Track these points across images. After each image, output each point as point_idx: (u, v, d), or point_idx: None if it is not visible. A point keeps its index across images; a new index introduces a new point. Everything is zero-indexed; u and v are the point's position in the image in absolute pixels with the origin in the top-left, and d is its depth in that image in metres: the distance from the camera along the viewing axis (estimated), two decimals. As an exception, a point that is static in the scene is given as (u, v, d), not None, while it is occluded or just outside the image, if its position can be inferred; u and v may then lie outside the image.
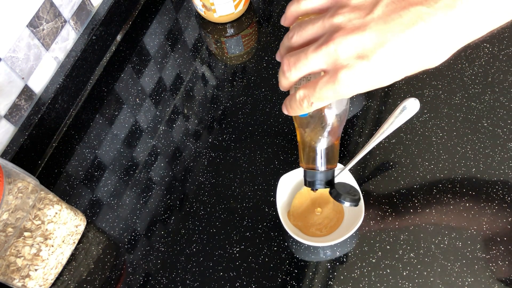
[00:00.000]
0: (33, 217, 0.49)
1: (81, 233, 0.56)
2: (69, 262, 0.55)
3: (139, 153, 0.62)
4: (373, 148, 0.57)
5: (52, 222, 0.51)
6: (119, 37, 0.74)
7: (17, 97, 0.60)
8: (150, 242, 0.55)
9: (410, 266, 0.50)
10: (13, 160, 0.59)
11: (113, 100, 0.68)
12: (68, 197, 0.60)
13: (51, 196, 0.52)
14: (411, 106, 0.53)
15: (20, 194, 0.47)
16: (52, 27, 0.63)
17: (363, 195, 0.53)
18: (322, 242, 0.50)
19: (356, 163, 0.56)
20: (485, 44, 0.63)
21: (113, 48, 0.73)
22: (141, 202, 0.59)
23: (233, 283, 0.51)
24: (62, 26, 0.65)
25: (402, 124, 0.54)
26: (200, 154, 0.61)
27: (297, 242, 0.53)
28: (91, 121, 0.66)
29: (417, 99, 0.53)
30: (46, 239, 0.51)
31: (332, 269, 0.51)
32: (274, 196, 0.55)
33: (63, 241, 0.53)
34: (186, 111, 0.65)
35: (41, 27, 0.61)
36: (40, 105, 0.63)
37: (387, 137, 0.57)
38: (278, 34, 0.70)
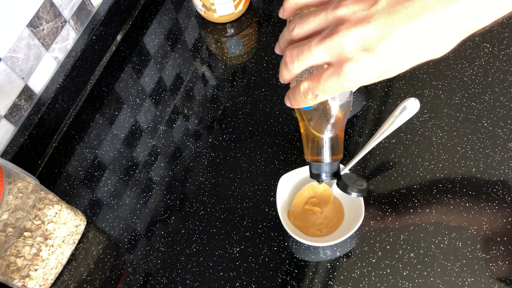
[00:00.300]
0: (33, 217, 0.49)
1: (81, 233, 0.56)
2: (69, 262, 0.55)
3: (139, 153, 0.62)
4: (373, 148, 0.57)
5: (52, 222, 0.51)
6: (119, 37, 0.74)
7: (17, 97, 0.60)
8: (150, 242, 0.55)
9: (410, 266, 0.50)
10: (13, 160, 0.59)
11: (113, 100, 0.68)
12: (68, 197, 0.60)
13: (51, 196, 0.52)
14: (411, 106, 0.53)
15: (20, 194, 0.47)
16: (52, 27, 0.63)
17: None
18: (322, 242, 0.50)
19: (356, 163, 0.56)
20: (485, 44, 0.63)
21: (113, 48, 0.73)
22: (141, 202, 0.58)
23: (233, 283, 0.51)
24: (62, 26, 0.65)
25: (402, 124, 0.54)
26: (200, 154, 0.61)
27: (297, 242, 0.53)
28: (91, 121, 0.66)
29: (417, 99, 0.53)
30: (46, 239, 0.51)
31: (332, 269, 0.51)
32: (274, 196, 0.55)
33: (63, 241, 0.53)
34: (186, 111, 0.65)
35: (41, 27, 0.61)
36: (40, 105, 0.63)
37: (387, 137, 0.57)
38: (278, 34, 0.70)
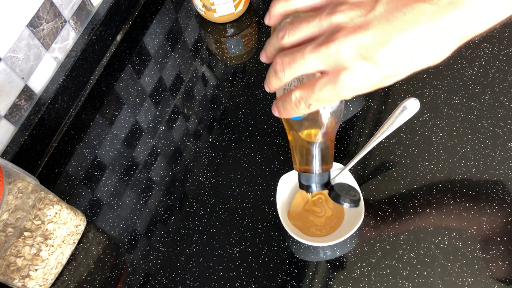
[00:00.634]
0: (33, 217, 0.49)
1: (81, 233, 0.56)
2: (69, 262, 0.55)
3: (139, 153, 0.62)
4: (373, 148, 0.57)
5: (52, 222, 0.51)
6: (119, 37, 0.74)
7: (17, 97, 0.60)
8: (150, 242, 0.55)
9: (410, 266, 0.50)
10: (13, 160, 0.59)
11: (113, 100, 0.68)
12: (68, 197, 0.60)
13: (51, 196, 0.52)
14: (411, 106, 0.53)
15: (20, 194, 0.47)
16: (52, 27, 0.63)
17: (363, 195, 0.53)
18: (322, 242, 0.50)
19: (356, 163, 0.56)
20: (485, 44, 0.63)
21: (113, 48, 0.73)
22: (141, 202, 0.58)
23: (233, 283, 0.51)
24: (62, 26, 0.65)
25: (402, 124, 0.54)
26: (200, 154, 0.61)
27: (297, 242, 0.53)
28: (91, 121, 0.66)
29: (417, 99, 0.53)
30: (46, 239, 0.51)
31: (332, 269, 0.51)
32: (274, 196, 0.55)
33: (63, 241, 0.53)
34: (186, 111, 0.65)
35: (41, 27, 0.61)
36: (40, 105, 0.63)
37: (387, 137, 0.57)
38: (278, 34, 0.70)
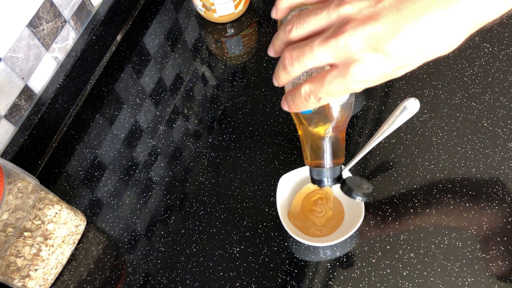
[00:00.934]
0: (33, 217, 0.49)
1: (81, 233, 0.56)
2: (69, 262, 0.55)
3: (139, 153, 0.62)
4: (373, 148, 0.57)
5: (52, 222, 0.51)
6: (119, 37, 0.74)
7: (17, 97, 0.60)
8: (150, 242, 0.55)
9: (410, 266, 0.50)
10: (13, 160, 0.59)
11: (113, 100, 0.68)
12: (68, 197, 0.60)
13: (51, 196, 0.52)
14: (411, 106, 0.53)
15: (20, 194, 0.47)
16: (52, 27, 0.63)
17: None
18: (322, 242, 0.50)
19: (356, 163, 0.56)
20: (485, 44, 0.63)
21: (113, 48, 0.73)
22: (141, 202, 0.58)
23: (233, 283, 0.51)
24: (62, 26, 0.65)
25: (402, 124, 0.54)
26: (200, 154, 0.61)
27: (297, 242, 0.53)
28: (91, 121, 0.66)
29: (417, 99, 0.53)
30: (46, 239, 0.51)
31: (332, 269, 0.51)
32: (274, 196, 0.55)
33: (63, 241, 0.53)
34: (186, 111, 0.65)
35: (41, 27, 0.61)
36: (40, 105, 0.63)
37: (387, 137, 0.57)
38: (278, 34, 0.70)
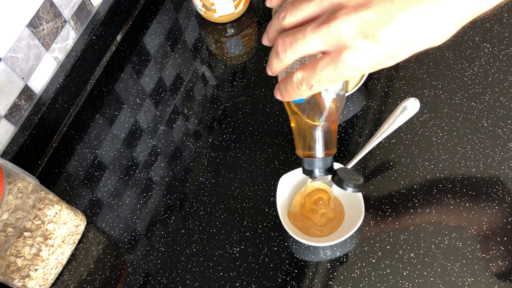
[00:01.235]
0: (33, 217, 0.49)
1: (81, 233, 0.56)
2: (69, 262, 0.55)
3: (139, 153, 0.62)
4: (373, 148, 0.57)
5: (52, 222, 0.51)
6: (119, 37, 0.74)
7: (17, 97, 0.60)
8: (150, 242, 0.55)
9: (410, 266, 0.50)
10: (13, 160, 0.59)
11: (113, 100, 0.68)
12: (68, 197, 0.60)
13: (51, 196, 0.52)
14: (411, 106, 0.53)
15: (20, 194, 0.47)
16: (52, 27, 0.63)
17: (363, 196, 0.53)
18: (322, 242, 0.50)
19: (356, 163, 0.56)
20: (485, 44, 0.63)
21: (113, 48, 0.73)
22: (141, 202, 0.58)
23: (233, 283, 0.51)
24: (62, 26, 0.65)
25: (402, 124, 0.54)
26: (200, 154, 0.61)
27: (297, 242, 0.53)
28: (91, 121, 0.66)
29: (417, 99, 0.53)
30: (46, 239, 0.51)
31: (332, 269, 0.51)
32: (274, 196, 0.55)
33: (63, 241, 0.53)
34: (186, 111, 0.65)
35: (41, 27, 0.61)
36: (40, 105, 0.63)
37: (387, 137, 0.57)
38: (278, 34, 0.70)
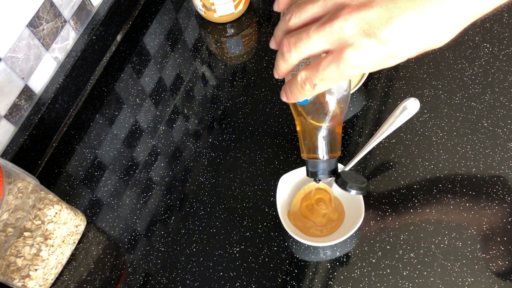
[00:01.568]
0: (33, 217, 0.49)
1: (81, 233, 0.56)
2: (69, 262, 0.55)
3: (139, 153, 0.62)
4: (373, 148, 0.57)
5: (52, 222, 0.51)
6: (119, 37, 0.74)
7: (17, 97, 0.60)
8: (150, 242, 0.55)
9: (410, 266, 0.50)
10: (13, 160, 0.59)
11: (113, 100, 0.68)
12: (68, 197, 0.60)
13: (51, 196, 0.52)
14: (411, 106, 0.53)
15: (20, 194, 0.47)
16: (52, 27, 0.63)
17: (363, 196, 0.53)
18: (322, 242, 0.50)
19: (356, 163, 0.56)
20: (485, 44, 0.63)
21: (113, 48, 0.73)
22: (141, 202, 0.58)
23: (233, 283, 0.51)
24: (62, 26, 0.65)
25: (402, 124, 0.54)
26: (200, 154, 0.61)
27: (297, 242, 0.53)
28: (91, 121, 0.66)
29: (417, 99, 0.53)
30: (46, 239, 0.51)
31: (332, 269, 0.51)
32: (274, 196, 0.55)
33: (63, 241, 0.53)
34: (186, 111, 0.65)
35: (41, 27, 0.61)
36: (40, 105, 0.63)
37: (387, 137, 0.57)
38: (278, 34, 0.70)
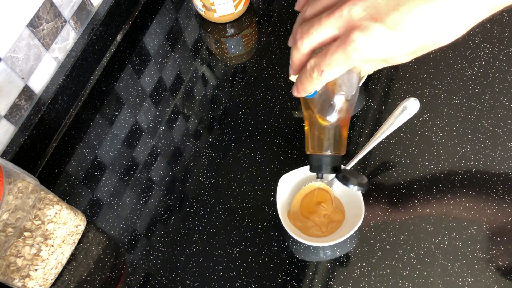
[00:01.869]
0: (33, 217, 0.49)
1: (81, 233, 0.56)
2: (69, 262, 0.55)
3: (139, 153, 0.62)
4: (373, 148, 0.57)
5: (52, 222, 0.51)
6: (119, 37, 0.74)
7: (17, 97, 0.60)
8: (150, 242, 0.55)
9: (410, 266, 0.50)
10: (13, 160, 0.59)
11: (113, 100, 0.68)
12: (68, 197, 0.60)
13: (51, 196, 0.52)
14: (411, 106, 0.53)
15: (20, 194, 0.47)
16: (52, 27, 0.63)
17: (363, 196, 0.53)
18: (322, 242, 0.50)
19: (356, 163, 0.56)
20: (485, 44, 0.63)
21: (113, 48, 0.73)
22: (141, 202, 0.59)
23: (233, 283, 0.51)
24: (62, 26, 0.65)
25: (402, 124, 0.54)
26: (200, 154, 0.61)
27: (297, 242, 0.53)
28: (91, 121, 0.66)
29: (417, 99, 0.53)
30: (46, 239, 0.51)
31: (332, 269, 0.51)
32: (274, 196, 0.55)
33: (63, 241, 0.53)
34: (186, 111, 0.65)
35: (41, 27, 0.61)
36: (40, 105, 0.63)
37: (387, 137, 0.57)
38: (278, 34, 0.70)
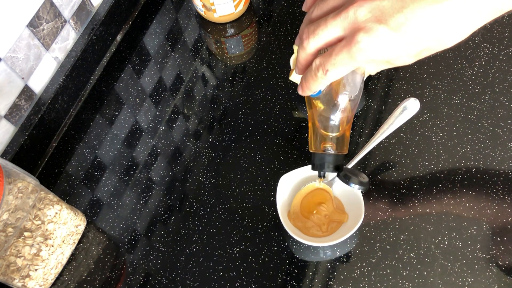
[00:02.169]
0: (33, 217, 0.49)
1: (81, 233, 0.56)
2: (69, 262, 0.55)
3: (139, 153, 0.62)
4: (373, 148, 0.57)
5: (52, 222, 0.51)
6: (119, 37, 0.74)
7: (17, 97, 0.60)
8: (150, 242, 0.55)
9: (410, 266, 0.50)
10: (13, 160, 0.59)
11: (113, 100, 0.68)
12: (68, 197, 0.60)
13: (51, 196, 0.52)
14: (411, 106, 0.53)
15: (20, 194, 0.47)
16: (52, 27, 0.63)
17: (363, 196, 0.53)
18: (322, 242, 0.50)
19: (356, 163, 0.56)
20: (485, 44, 0.63)
21: (113, 48, 0.73)
22: (141, 202, 0.59)
23: (233, 283, 0.51)
24: (62, 26, 0.65)
25: (402, 124, 0.54)
26: (200, 154, 0.61)
27: (297, 242, 0.53)
28: (91, 121, 0.66)
29: (417, 99, 0.53)
30: (46, 239, 0.51)
31: (332, 269, 0.51)
32: (274, 196, 0.55)
33: (63, 241, 0.53)
34: (186, 111, 0.65)
35: (41, 27, 0.61)
36: (40, 105, 0.63)
37: (387, 137, 0.57)
38: (278, 34, 0.70)
